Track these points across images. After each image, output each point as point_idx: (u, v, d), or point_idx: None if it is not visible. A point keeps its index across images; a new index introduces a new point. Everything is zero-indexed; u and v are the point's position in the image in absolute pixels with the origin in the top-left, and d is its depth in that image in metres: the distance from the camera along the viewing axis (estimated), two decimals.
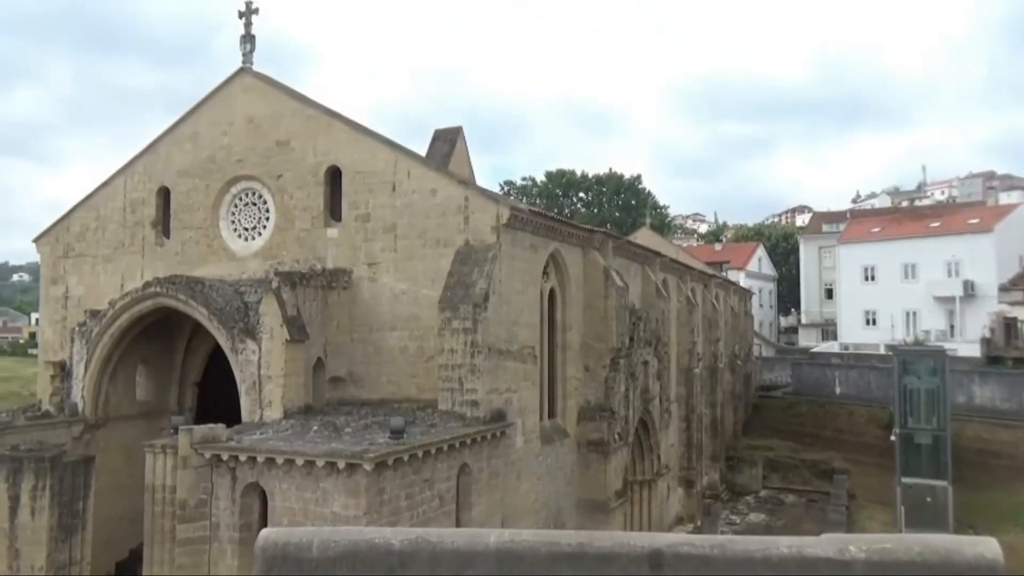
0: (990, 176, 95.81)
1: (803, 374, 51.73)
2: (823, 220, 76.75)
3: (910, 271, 52.86)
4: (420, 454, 15.22)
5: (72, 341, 21.29)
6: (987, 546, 2.33)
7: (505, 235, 19.78)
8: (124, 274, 24.34)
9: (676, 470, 34.88)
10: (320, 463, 14.14)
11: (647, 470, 29.06)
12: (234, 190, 23.31)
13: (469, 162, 53.40)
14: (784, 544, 2.39)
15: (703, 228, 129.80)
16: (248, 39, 23.15)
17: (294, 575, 2.59)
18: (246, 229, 23.18)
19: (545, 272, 23.00)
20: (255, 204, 23.10)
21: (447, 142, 52.21)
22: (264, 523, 14.79)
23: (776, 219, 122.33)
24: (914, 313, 52.20)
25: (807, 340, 71.59)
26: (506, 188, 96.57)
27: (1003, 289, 48.12)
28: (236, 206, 23.39)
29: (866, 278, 55.32)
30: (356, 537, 2.64)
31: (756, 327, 78.88)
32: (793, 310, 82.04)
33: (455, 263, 19.37)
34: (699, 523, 31.78)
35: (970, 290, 49.49)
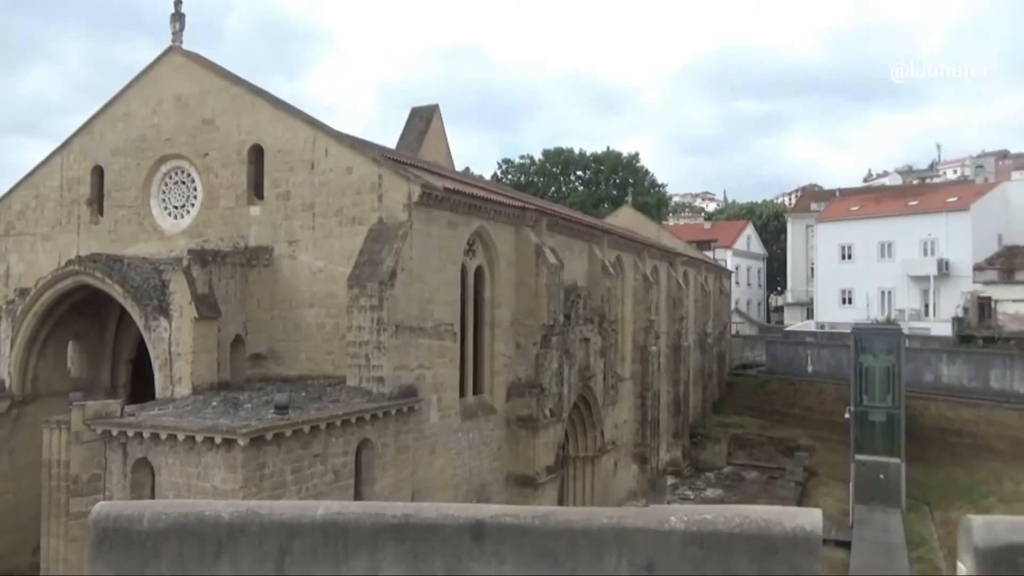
0: (1003, 155, 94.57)
1: (777, 352, 51.77)
2: (812, 199, 76.17)
3: (887, 250, 52.50)
4: (307, 429, 15.44)
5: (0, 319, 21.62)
6: (808, 517, 2.30)
7: (419, 213, 19.85)
8: (61, 252, 24.58)
9: (631, 447, 35.14)
10: (199, 438, 14.41)
11: (590, 446, 29.28)
12: (164, 169, 23.46)
13: (445, 138, 53.37)
14: (606, 515, 2.38)
15: (712, 207, 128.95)
16: (178, 17, 23.14)
17: (125, 547, 2.60)
18: (175, 207, 23.37)
19: (472, 250, 23.08)
20: (184, 183, 23.25)
21: (423, 119, 52.17)
22: (154, 497, 15.09)
23: (785, 198, 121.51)
24: (890, 292, 51.93)
25: (793, 319, 71.38)
26: (503, 166, 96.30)
27: (978, 268, 47.74)
28: (166, 185, 23.55)
29: (843, 257, 55.00)
30: (187, 510, 2.65)
31: (744, 306, 78.78)
32: (780, 289, 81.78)
33: (367, 241, 19.49)
34: (644, 499, 32.05)
35: (945, 269, 49.12)
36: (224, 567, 2.53)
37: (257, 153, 21.81)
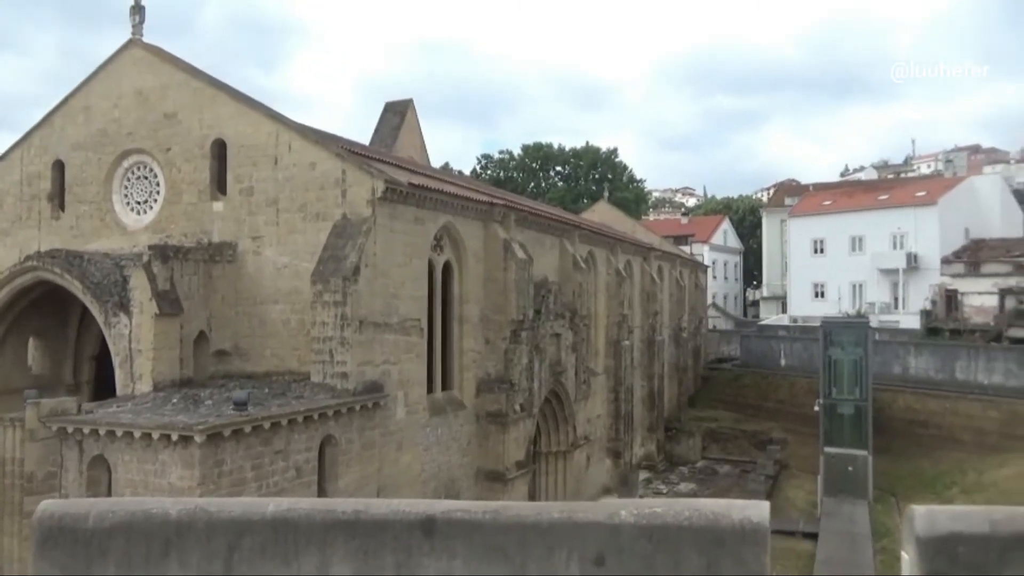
0: (976, 149, 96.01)
1: (751, 346, 52.18)
2: (787, 193, 76.81)
3: (857, 244, 53.10)
4: (267, 425, 15.32)
5: None
6: (755, 510, 2.31)
7: (383, 208, 19.74)
8: (22, 248, 24.13)
9: (604, 441, 35.27)
10: (156, 435, 14.25)
11: (562, 441, 29.35)
12: (126, 164, 23.13)
13: (420, 133, 53.12)
14: (556, 509, 2.38)
15: (692, 202, 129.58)
16: (138, 10, 22.79)
17: (70, 547, 2.54)
18: (138, 203, 23.06)
19: (439, 245, 23.01)
20: (146, 178, 22.95)
21: (397, 114, 51.88)
22: (110, 495, 14.91)
23: (763, 193, 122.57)
24: (861, 285, 52.53)
25: (768, 313, 72.00)
26: (483, 162, 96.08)
27: (946, 262, 48.43)
28: (128, 180, 23.23)
29: (815, 251, 55.55)
30: (133, 508, 2.58)
31: (721, 300, 79.34)
32: (756, 283, 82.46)
33: (331, 236, 19.36)
34: (616, 494, 32.20)
35: (913, 262, 49.79)
36: (172, 565, 2.50)
37: (220, 148, 21.57)
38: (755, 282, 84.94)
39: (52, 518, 2.58)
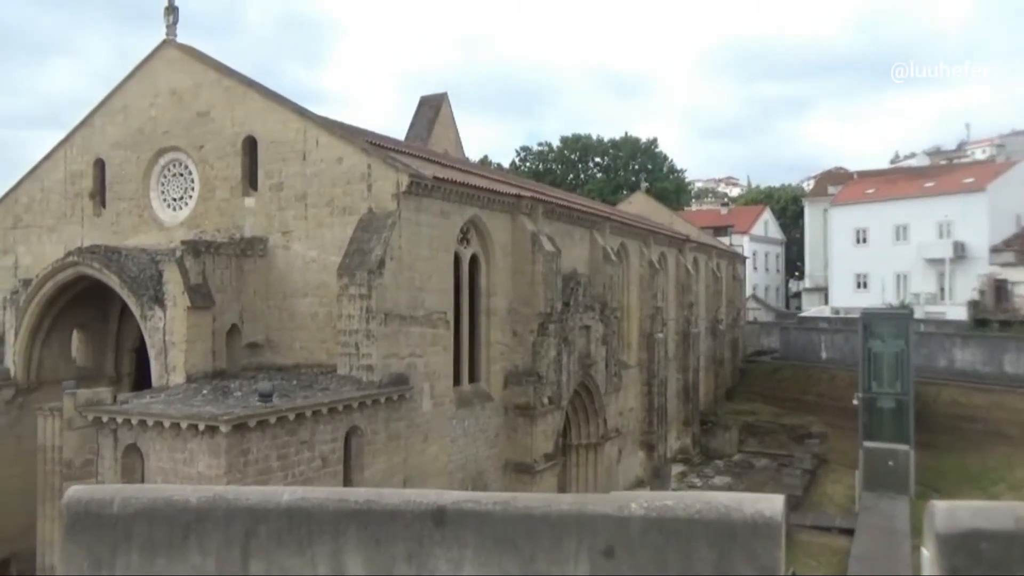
0: None
1: (790, 339, 51.31)
2: (829, 182, 75.07)
3: (902, 233, 51.64)
4: (292, 416, 15.66)
5: (4, 309, 22.12)
6: (768, 504, 2.28)
7: (408, 202, 19.94)
8: (66, 244, 25.00)
9: (637, 434, 35.14)
10: (184, 425, 14.68)
11: (592, 434, 29.32)
12: (162, 161, 23.78)
13: (455, 127, 53.37)
14: (566, 501, 2.41)
15: (735, 192, 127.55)
16: (172, 10, 23.36)
17: (96, 530, 2.66)
18: (174, 199, 23.69)
19: (466, 238, 23.14)
20: (182, 175, 23.56)
21: (432, 108, 52.21)
22: (143, 482, 15.42)
23: (808, 182, 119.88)
24: (905, 276, 51.13)
25: (811, 304, 70.59)
26: (522, 154, 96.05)
27: (995, 250, 46.84)
28: (165, 177, 23.88)
29: (858, 241, 54.20)
30: (155, 494, 2.70)
31: (762, 292, 78.04)
32: (799, 274, 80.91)
33: (357, 230, 19.64)
34: (648, 487, 32.05)
35: (961, 252, 48.24)
36: (192, 550, 2.59)
37: (251, 145, 22.03)
38: (797, 273, 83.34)
39: (79, 503, 2.70)
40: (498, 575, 2.37)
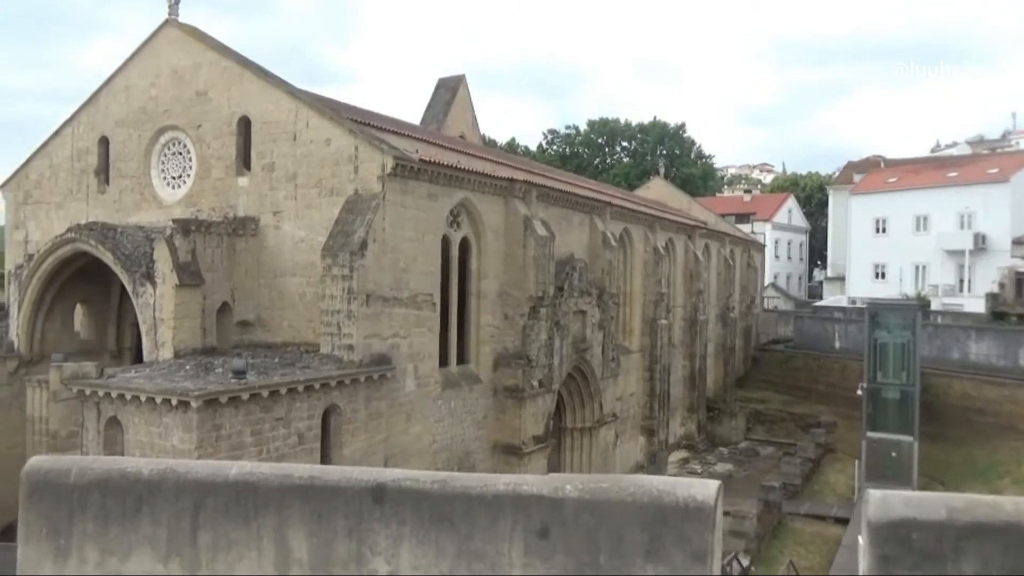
0: None
1: (804, 328, 50.73)
2: (855, 170, 73.65)
3: (922, 223, 50.60)
4: (266, 393, 16.01)
5: (8, 283, 22.81)
6: (702, 488, 2.33)
7: (394, 184, 20.10)
8: (72, 220, 25.57)
9: (638, 420, 35.17)
10: (159, 400, 15.11)
11: (587, 418, 29.43)
12: (163, 140, 24.22)
13: (472, 109, 53.32)
14: (503, 481, 2.46)
15: (769, 178, 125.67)
16: None
17: (54, 500, 2.75)
18: (173, 178, 24.14)
19: (456, 221, 23.27)
20: (181, 153, 23.98)
21: (449, 90, 52.20)
22: (124, 454, 15.92)
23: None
24: (924, 267, 50.17)
25: (832, 293, 69.65)
26: (549, 137, 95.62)
27: (1017, 242, 45.71)
28: (165, 155, 24.33)
29: (877, 230, 53.23)
30: (110, 466, 2.78)
31: (784, 280, 77.08)
32: (822, 263, 79.76)
33: (342, 211, 19.88)
34: (646, 471, 32.09)
35: (981, 243, 47.13)
36: (144, 521, 2.71)
37: (245, 125, 22.32)
38: (820, 262, 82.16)
39: (39, 472, 2.81)
40: (435, 552, 2.45)
